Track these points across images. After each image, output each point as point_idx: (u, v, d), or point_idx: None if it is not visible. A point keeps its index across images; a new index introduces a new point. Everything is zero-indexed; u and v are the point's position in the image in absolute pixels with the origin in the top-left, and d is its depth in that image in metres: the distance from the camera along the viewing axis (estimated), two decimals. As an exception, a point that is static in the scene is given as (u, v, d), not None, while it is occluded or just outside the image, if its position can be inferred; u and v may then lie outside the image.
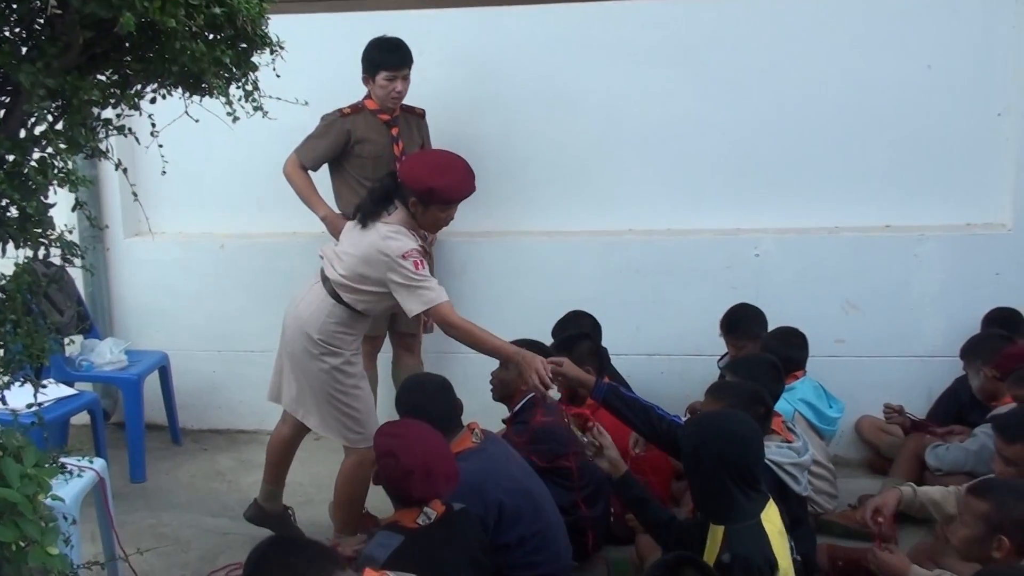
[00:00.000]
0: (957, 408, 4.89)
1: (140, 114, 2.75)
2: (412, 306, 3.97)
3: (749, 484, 3.08)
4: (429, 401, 3.85)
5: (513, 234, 5.70)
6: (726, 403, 3.70)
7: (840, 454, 5.32)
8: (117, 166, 2.79)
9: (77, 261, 2.70)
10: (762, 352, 4.61)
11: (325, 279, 4.15)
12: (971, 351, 4.67)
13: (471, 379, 4.61)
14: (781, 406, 4.14)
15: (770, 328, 4.98)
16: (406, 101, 5.18)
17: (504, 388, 4.43)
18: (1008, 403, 4.17)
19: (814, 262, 5.38)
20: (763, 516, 3.08)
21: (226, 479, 5.40)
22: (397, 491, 3.30)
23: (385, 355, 5.48)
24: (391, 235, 3.98)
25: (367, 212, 4.08)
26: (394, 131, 5.15)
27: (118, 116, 2.71)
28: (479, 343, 4.05)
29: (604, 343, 5.00)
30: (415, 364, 5.36)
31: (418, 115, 5.34)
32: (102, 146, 2.68)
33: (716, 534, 3.06)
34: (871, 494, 4.64)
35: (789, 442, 3.88)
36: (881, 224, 5.39)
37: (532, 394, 4.37)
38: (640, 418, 3.85)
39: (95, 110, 2.61)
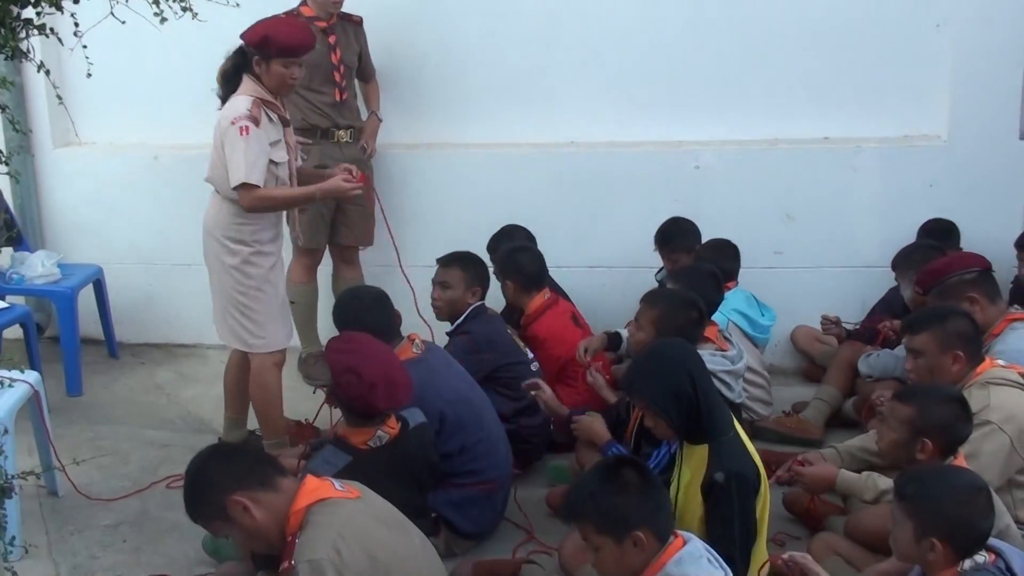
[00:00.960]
0: (890, 317, 4.97)
1: (63, 14, 2.64)
2: (233, 176, 3.97)
3: (715, 393, 3.11)
4: (367, 313, 3.84)
5: (453, 146, 5.63)
6: (660, 309, 3.75)
7: (775, 363, 5.42)
8: (40, 67, 2.69)
9: (1, 167, 2.62)
10: (696, 264, 4.65)
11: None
12: (903, 262, 4.74)
13: (413, 292, 4.58)
14: (715, 316, 4.20)
15: (704, 240, 5.02)
16: (342, 8, 5.07)
17: (452, 307, 4.41)
18: (937, 312, 4.25)
19: (753, 174, 5.40)
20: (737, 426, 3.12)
21: (165, 392, 5.36)
22: (360, 407, 3.26)
23: (326, 268, 5.45)
24: (230, 104, 4.00)
25: (222, 94, 4.10)
26: (331, 39, 5.04)
27: (38, 15, 2.61)
28: (286, 202, 4.18)
29: (544, 256, 4.99)
30: (356, 277, 5.34)
31: (355, 22, 5.22)
32: (23, 46, 2.58)
33: (698, 454, 3.05)
34: (804, 401, 4.79)
35: (723, 350, 3.94)
36: (819, 136, 5.42)
37: (475, 304, 4.38)
38: None
39: (13, 8, 2.50)
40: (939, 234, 4.99)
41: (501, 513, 3.93)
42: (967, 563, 2.52)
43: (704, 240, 5.03)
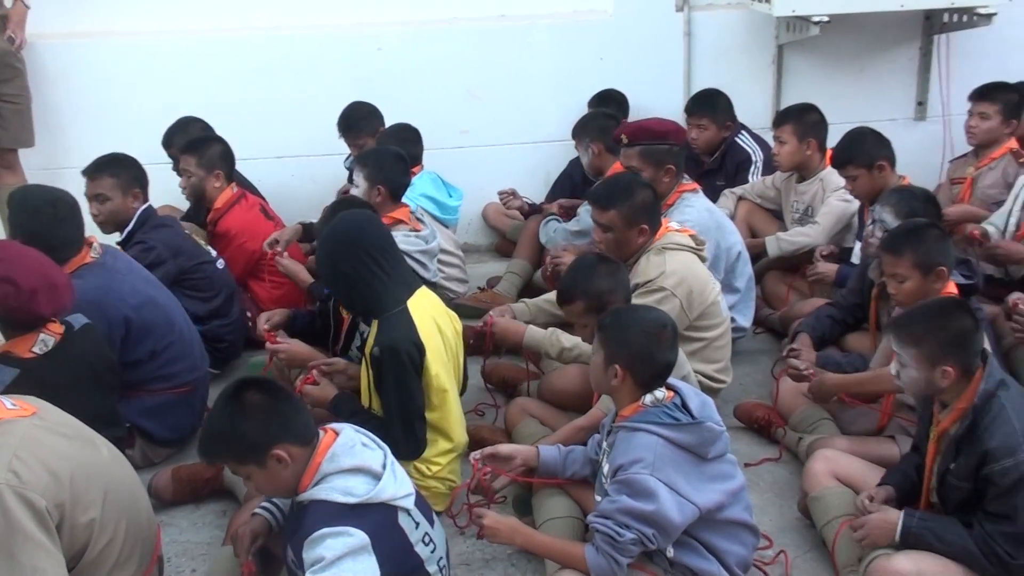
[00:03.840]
0: (571, 188, 5.21)
1: None
2: None
3: (385, 271, 3.13)
4: (60, 224, 3.48)
5: (117, 35, 5.25)
6: None
7: (470, 241, 5.57)
8: None
9: None
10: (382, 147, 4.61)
11: None
12: (581, 130, 4.89)
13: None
14: (405, 201, 4.21)
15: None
16: None
17: (116, 218, 4.04)
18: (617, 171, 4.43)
19: (435, 54, 5.42)
20: (410, 303, 3.15)
21: None
22: (22, 317, 3.04)
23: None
24: None
25: None
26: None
27: None
28: None
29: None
30: (18, 182, 4.89)
31: None
32: None
33: (373, 328, 3.13)
34: (498, 276, 4.96)
35: (417, 231, 3.98)
36: (496, 13, 5.50)
37: (142, 208, 4.09)
38: None
39: None
40: (608, 105, 5.22)
41: (200, 416, 3.81)
42: (647, 398, 2.70)
43: (389, 124, 5.01)
